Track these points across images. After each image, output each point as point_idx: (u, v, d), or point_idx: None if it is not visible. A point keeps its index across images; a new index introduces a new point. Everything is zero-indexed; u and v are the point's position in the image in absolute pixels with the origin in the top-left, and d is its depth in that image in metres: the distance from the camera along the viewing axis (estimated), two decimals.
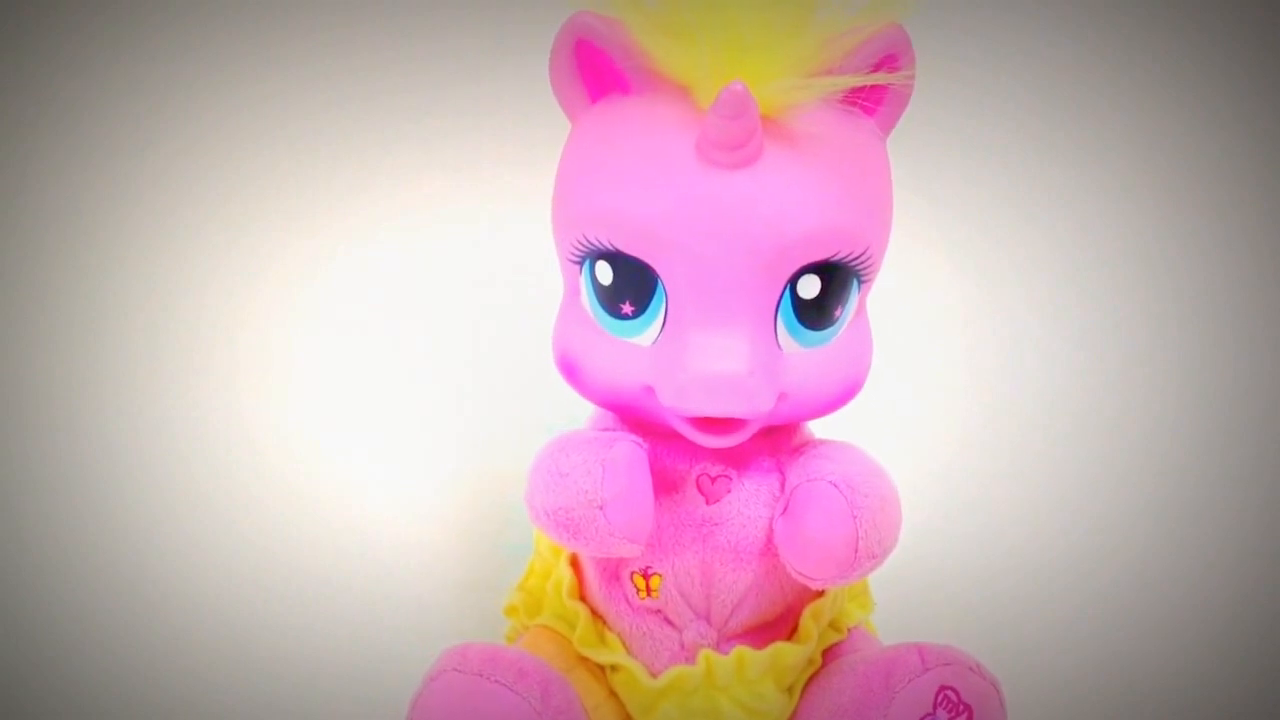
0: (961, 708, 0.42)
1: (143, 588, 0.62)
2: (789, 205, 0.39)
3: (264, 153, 0.71)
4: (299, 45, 0.71)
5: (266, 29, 0.70)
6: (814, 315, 0.42)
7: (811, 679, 0.48)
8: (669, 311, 0.42)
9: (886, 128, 0.44)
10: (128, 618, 0.60)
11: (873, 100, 0.43)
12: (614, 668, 0.48)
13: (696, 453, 0.46)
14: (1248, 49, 0.77)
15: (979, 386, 0.79)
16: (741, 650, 0.46)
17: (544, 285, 0.48)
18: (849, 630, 0.51)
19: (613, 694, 0.49)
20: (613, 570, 0.47)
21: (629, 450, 0.43)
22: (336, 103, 0.71)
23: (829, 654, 0.49)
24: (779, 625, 0.48)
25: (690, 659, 0.46)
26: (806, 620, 0.48)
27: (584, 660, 0.49)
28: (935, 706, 0.42)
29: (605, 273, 0.42)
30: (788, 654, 0.46)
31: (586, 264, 0.43)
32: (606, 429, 0.47)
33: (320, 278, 0.72)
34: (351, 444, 0.72)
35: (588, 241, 0.42)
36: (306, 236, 0.72)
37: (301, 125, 0.71)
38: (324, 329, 0.73)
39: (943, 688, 0.42)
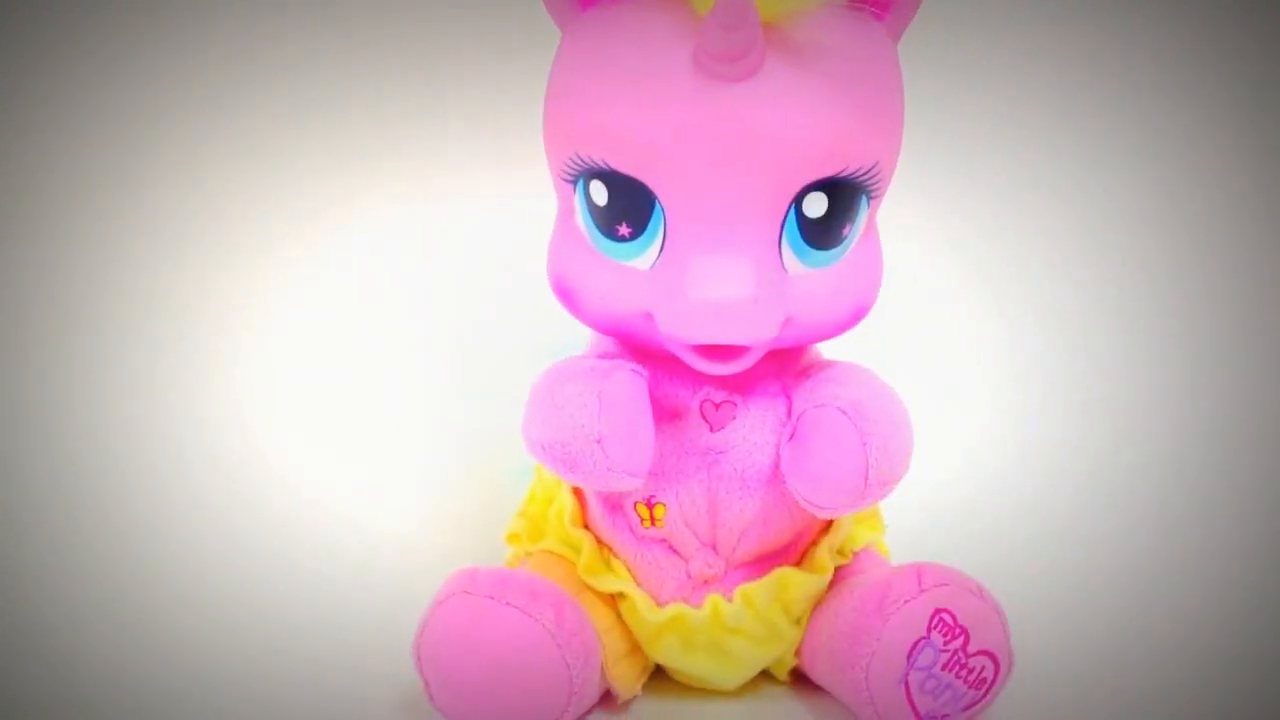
0: (957, 630, 0.41)
1: (166, 534, 0.63)
2: (792, 120, 0.37)
3: (263, 150, 0.71)
4: (299, 43, 0.70)
5: (267, 25, 0.69)
6: (821, 234, 0.40)
7: (816, 605, 0.48)
8: (668, 233, 0.40)
9: (897, 32, 0.42)
10: (160, 566, 0.60)
11: (881, 3, 0.40)
12: (621, 595, 0.47)
13: (699, 379, 0.44)
14: (1249, 48, 0.75)
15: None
16: (745, 589, 0.45)
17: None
18: (854, 554, 0.50)
19: (621, 619, 0.48)
20: (615, 500, 0.46)
21: (627, 380, 0.41)
22: (335, 102, 0.71)
23: (833, 578, 0.48)
24: (786, 552, 0.47)
25: (698, 589, 0.45)
26: (822, 554, 0.47)
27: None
28: (929, 630, 0.41)
29: (600, 192, 0.40)
30: (795, 583, 0.45)
31: (580, 183, 0.41)
32: (606, 354, 0.46)
33: (326, 255, 0.73)
34: (356, 378, 0.72)
35: (580, 160, 0.40)
36: (306, 229, 0.72)
37: (299, 124, 0.71)
38: (333, 279, 0.73)
39: (938, 610, 0.41)
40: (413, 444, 0.71)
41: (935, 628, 0.41)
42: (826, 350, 0.48)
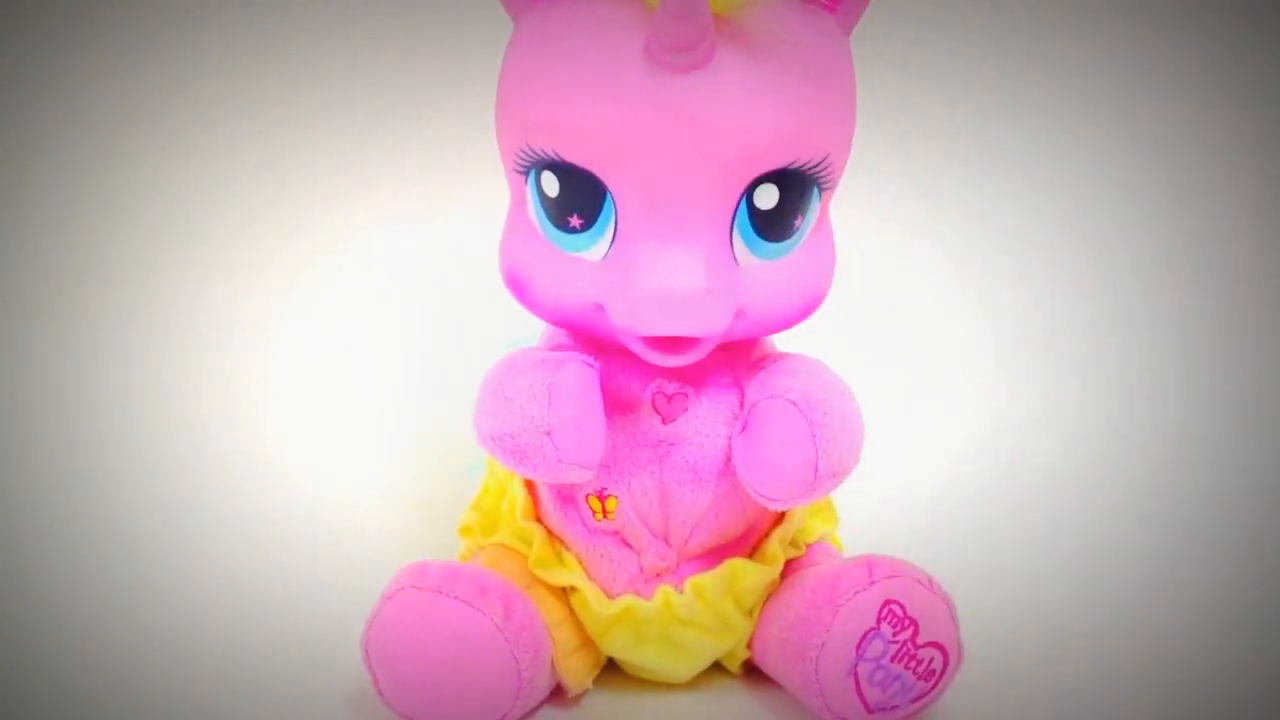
0: (906, 622, 0.41)
1: (116, 527, 0.63)
2: (743, 110, 0.37)
3: (258, 152, 0.71)
4: (297, 46, 0.70)
5: (265, 31, 0.69)
6: (772, 226, 0.40)
7: (768, 597, 0.48)
8: (619, 225, 0.40)
9: (848, 24, 0.42)
10: (111, 556, 0.60)
11: None
12: (572, 588, 0.47)
13: (651, 371, 0.44)
14: (1249, 48, 0.76)
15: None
16: (696, 580, 0.45)
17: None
18: (807, 547, 0.50)
19: (573, 612, 0.48)
20: (567, 493, 0.46)
21: (577, 372, 0.41)
22: (329, 105, 0.71)
23: (785, 570, 0.48)
24: (739, 544, 0.47)
25: (650, 581, 0.45)
26: (773, 545, 0.47)
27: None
28: (879, 621, 0.41)
29: (551, 184, 0.40)
30: (746, 573, 0.45)
31: (532, 174, 0.41)
32: (558, 346, 0.46)
33: (284, 251, 0.73)
34: (308, 372, 0.72)
35: (532, 150, 0.40)
36: (304, 229, 0.72)
37: (294, 127, 0.71)
38: (288, 275, 0.73)
39: (887, 601, 0.41)
40: (366, 437, 0.71)
41: (885, 619, 0.41)
42: (801, 345, 0.48)
